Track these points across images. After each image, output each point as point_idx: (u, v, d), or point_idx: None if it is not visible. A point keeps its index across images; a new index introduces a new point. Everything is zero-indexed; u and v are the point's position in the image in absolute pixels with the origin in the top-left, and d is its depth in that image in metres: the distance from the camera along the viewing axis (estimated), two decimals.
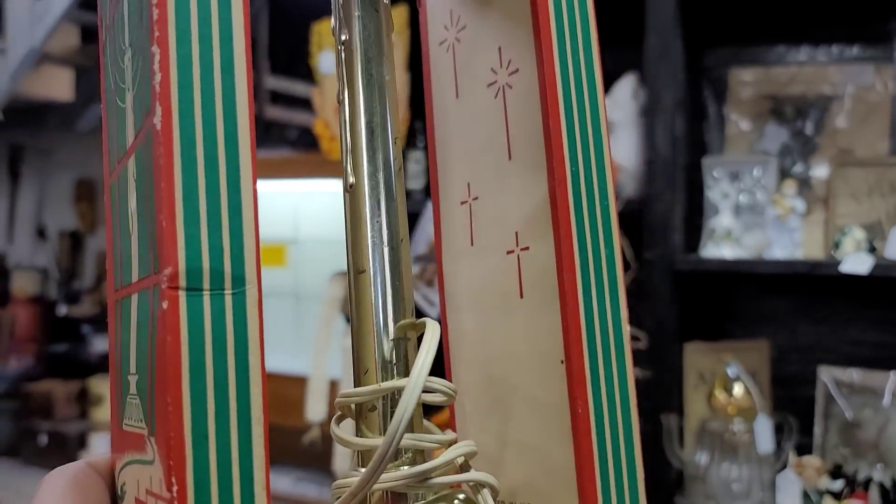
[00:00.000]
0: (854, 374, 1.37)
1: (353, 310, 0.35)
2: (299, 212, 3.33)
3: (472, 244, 0.40)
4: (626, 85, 1.41)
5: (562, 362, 0.33)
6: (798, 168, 1.41)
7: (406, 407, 0.31)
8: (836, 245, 1.26)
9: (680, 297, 1.37)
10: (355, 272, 0.35)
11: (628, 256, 1.38)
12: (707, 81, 1.48)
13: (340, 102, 0.36)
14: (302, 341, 3.56)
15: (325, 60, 1.74)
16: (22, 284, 4.21)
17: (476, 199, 0.40)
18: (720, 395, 1.30)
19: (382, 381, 0.34)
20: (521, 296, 0.37)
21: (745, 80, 1.50)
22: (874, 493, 1.26)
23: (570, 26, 0.36)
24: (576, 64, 0.36)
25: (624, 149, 1.41)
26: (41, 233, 4.45)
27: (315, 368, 1.57)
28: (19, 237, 4.43)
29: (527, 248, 0.36)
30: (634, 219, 1.37)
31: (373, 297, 0.34)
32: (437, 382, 0.34)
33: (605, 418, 0.33)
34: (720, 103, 1.48)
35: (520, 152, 0.37)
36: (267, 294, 3.48)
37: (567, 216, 0.34)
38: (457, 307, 0.41)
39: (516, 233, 0.37)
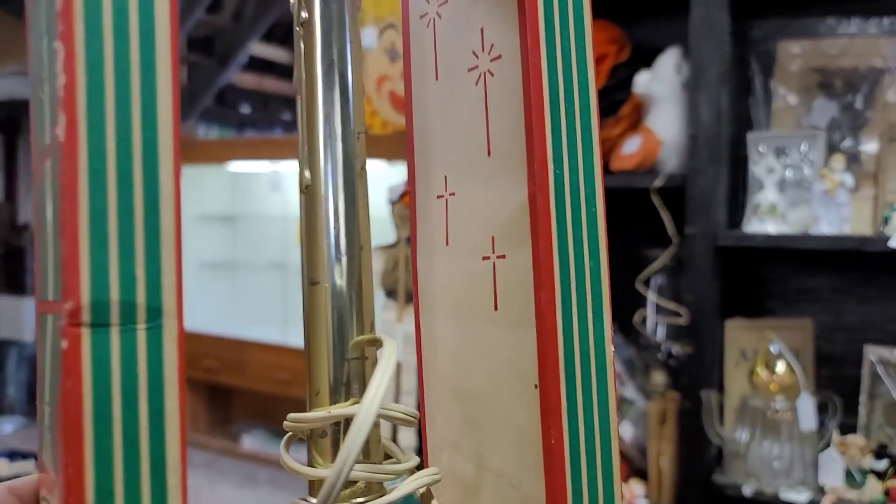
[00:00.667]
0: None
1: (306, 325, 0.31)
2: None
3: (447, 244, 0.36)
4: (670, 58, 1.39)
5: (536, 387, 0.30)
6: (847, 143, 1.38)
7: (355, 439, 0.27)
8: (885, 221, 1.23)
9: (722, 273, 1.36)
10: (309, 283, 0.31)
11: (669, 232, 1.37)
12: (753, 54, 1.45)
13: (297, 91, 0.32)
14: None
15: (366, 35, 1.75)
16: None
17: (453, 194, 0.35)
18: (762, 372, 1.29)
19: (336, 404, 0.31)
20: (496, 308, 0.33)
21: (793, 52, 1.46)
22: None
23: (560, 8, 0.31)
24: (565, 53, 0.31)
25: (666, 123, 1.39)
26: None
27: None
28: None
29: (503, 257, 0.33)
30: (676, 194, 1.36)
31: (328, 313, 0.31)
32: (395, 409, 0.31)
33: (582, 450, 0.30)
34: (767, 77, 1.45)
35: (499, 149, 0.32)
36: (292, 273, 3.52)
37: (547, 225, 0.30)
38: (430, 309, 0.38)
39: (493, 238, 0.33)
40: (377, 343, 0.31)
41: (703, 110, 1.32)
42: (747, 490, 1.28)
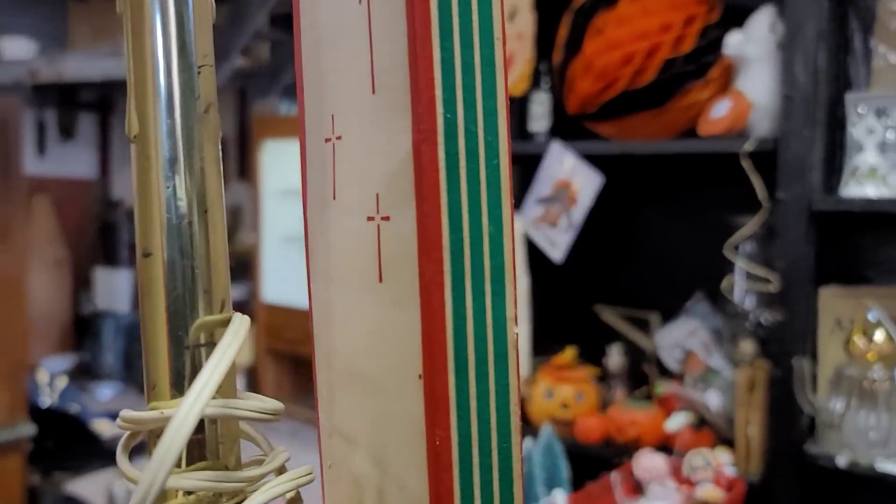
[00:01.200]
0: None
1: (141, 305, 0.26)
2: None
3: (334, 198, 0.30)
4: (764, 18, 1.35)
5: (420, 377, 0.26)
6: None
7: (168, 446, 0.22)
8: None
9: (817, 238, 1.32)
10: (142, 254, 0.26)
11: (760, 196, 1.33)
12: (853, 11, 1.39)
13: (121, 12, 0.26)
14: None
15: None
16: None
17: (339, 138, 0.29)
18: (859, 340, 1.25)
19: (174, 400, 0.26)
20: (380, 279, 0.27)
21: (895, 9, 1.39)
22: None
23: None
24: None
25: (758, 85, 1.35)
26: None
27: None
28: None
29: (387, 218, 0.27)
30: (768, 158, 1.32)
31: (163, 290, 0.26)
32: (245, 405, 0.25)
33: (475, 452, 0.25)
34: (867, 34, 1.38)
35: (384, 85, 0.27)
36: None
37: (435, 181, 0.24)
38: (324, 274, 0.32)
39: (377, 195, 0.27)
40: (228, 324, 0.26)
41: (798, 70, 1.27)
42: (841, 461, 1.25)
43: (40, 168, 4.37)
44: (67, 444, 2.16)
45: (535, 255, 1.59)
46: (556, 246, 1.56)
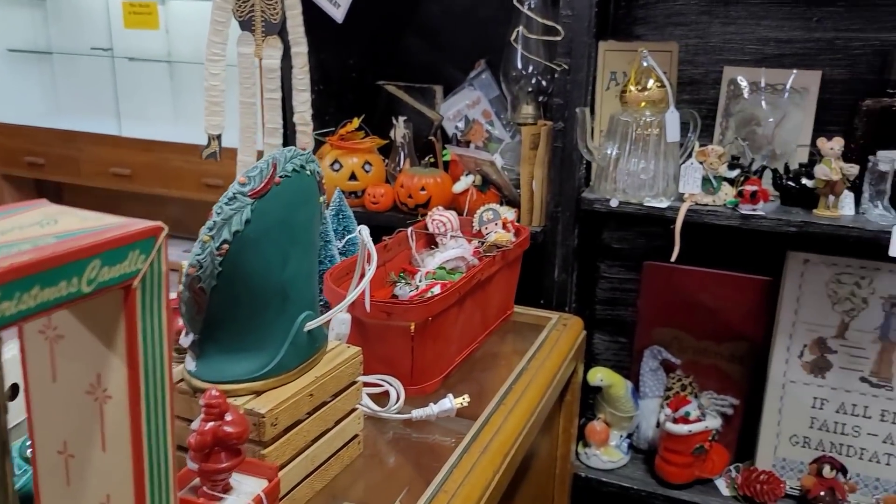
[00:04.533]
0: (757, 73, 1.41)
1: None
2: None
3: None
4: None
5: None
6: None
7: None
8: None
9: None
10: None
11: None
12: None
13: None
14: (182, 110, 3.34)
15: None
16: None
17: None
18: (634, 87, 1.31)
19: None
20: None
21: None
22: (766, 178, 1.34)
23: None
24: None
25: None
26: None
27: (208, 80, 1.45)
28: None
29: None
30: None
31: None
32: None
33: None
34: None
35: None
36: (140, 59, 3.17)
37: None
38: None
39: None
40: None
41: None
42: (614, 202, 1.34)
43: None
44: None
45: (318, 18, 1.46)
46: (340, 6, 1.45)
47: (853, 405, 1.44)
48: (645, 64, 1.30)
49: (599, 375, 1.48)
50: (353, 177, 1.51)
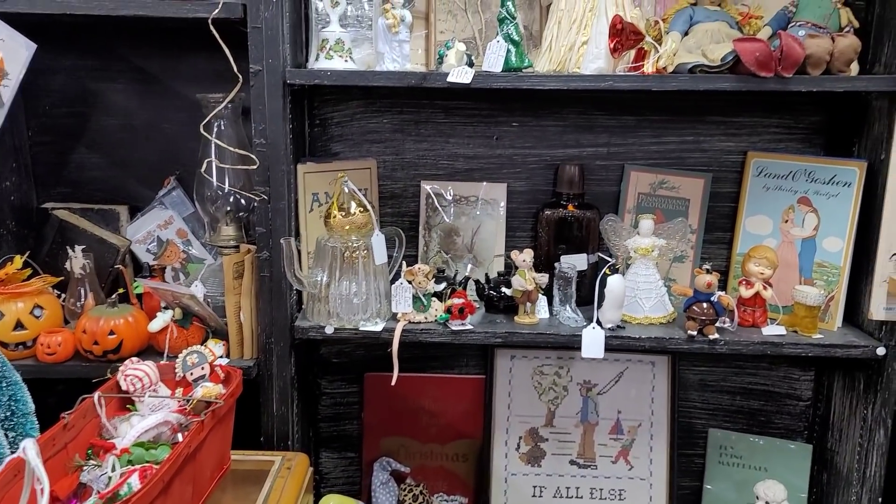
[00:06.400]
0: (451, 187, 1.47)
1: None
2: None
3: None
4: None
5: None
6: None
7: None
8: (440, 59, 1.29)
9: (291, 114, 1.29)
10: None
11: (235, 69, 1.23)
12: None
13: None
14: None
15: None
16: None
17: None
18: (338, 213, 1.28)
19: None
20: None
21: None
22: (470, 288, 1.40)
23: None
24: None
25: None
26: None
27: None
28: None
29: None
30: (236, 28, 1.22)
31: None
32: None
33: None
34: None
35: None
36: None
37: None
38: None
39: None
40: None
41: None
42: (329, 329, 1.30)
43: None
44: None
45: None
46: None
47: (566, 488, 1.55)
48: (346, 189, 1.28)
49: None
50: (19, 325, 1.28)
